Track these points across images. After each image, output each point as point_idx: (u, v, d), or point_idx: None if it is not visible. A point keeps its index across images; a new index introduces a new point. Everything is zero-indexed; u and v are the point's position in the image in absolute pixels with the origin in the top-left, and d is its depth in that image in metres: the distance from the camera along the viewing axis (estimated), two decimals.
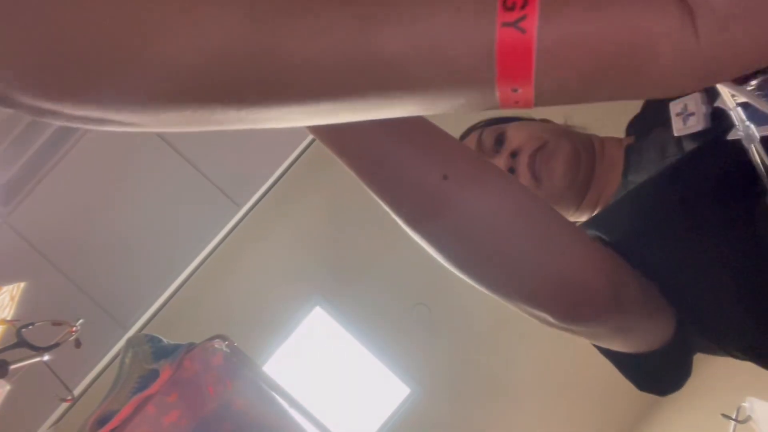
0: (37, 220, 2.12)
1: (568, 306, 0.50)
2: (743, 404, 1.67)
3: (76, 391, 2.15)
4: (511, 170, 0.89)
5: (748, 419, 1.63)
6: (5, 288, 1.33)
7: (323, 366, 3.19)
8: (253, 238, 3.01)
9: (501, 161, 0.91)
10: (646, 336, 0.57)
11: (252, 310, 3.05)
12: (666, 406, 2.97)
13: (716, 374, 2.74)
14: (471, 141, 0.98)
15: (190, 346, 1.49)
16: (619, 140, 0.93)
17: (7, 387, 1.20)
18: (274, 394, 1.52)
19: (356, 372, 3.17)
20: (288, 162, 2.30)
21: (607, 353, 0.62)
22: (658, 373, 0.62)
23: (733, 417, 1.65)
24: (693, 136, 0.65)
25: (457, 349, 3.16)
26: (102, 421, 1.35)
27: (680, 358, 0.61)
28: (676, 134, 0.66)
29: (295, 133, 2.23)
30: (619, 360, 0.61)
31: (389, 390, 3.14)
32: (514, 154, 0.90)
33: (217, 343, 1.51)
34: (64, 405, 2.14)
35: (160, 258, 2.17)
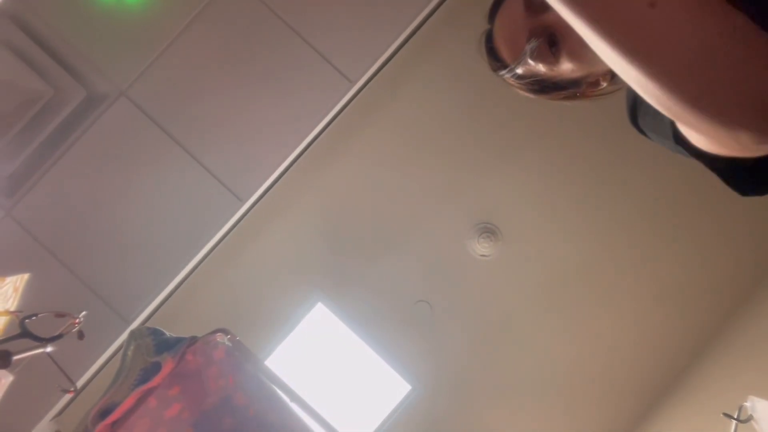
0: (41, 212, 2.12)
1: None
2: (745, 404, 1.67)
3: (79, 384, 2.15)
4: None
5: (749, 419, 1.63)
6: (9, 279, 1.33)
7: (325, 362, 3.19)
8: (256, 233, 3.01)
9: None
10: None
11: (254, 306, 3.06)
12: (667, 405, 2.96)
13: (718, 374, 2.74)
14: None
15: (193, 340, 1.49)
16: None
17: (10, 377, 1.21)
18: (275, 388, 1.52)
19: (357, 368, 3.17)
20: (291, 158, 2.30)
21: (715, 162, 0.63)
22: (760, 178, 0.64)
23: (735, 416, 1.65)
24: None
25: (459, 347, 3.16)
26: (104, 413, 1.36)
27: None
28: None
29: (297, 130, 2.23)
30: (726, 170, 0.64)
31: (390, 387, 3.15)
32: None
33: (220, 337, 1.51)
34: (67, 397, 2.15)
35: (163, 252, 2.17)
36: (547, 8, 0.86)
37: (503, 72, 0.95)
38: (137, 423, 1.36)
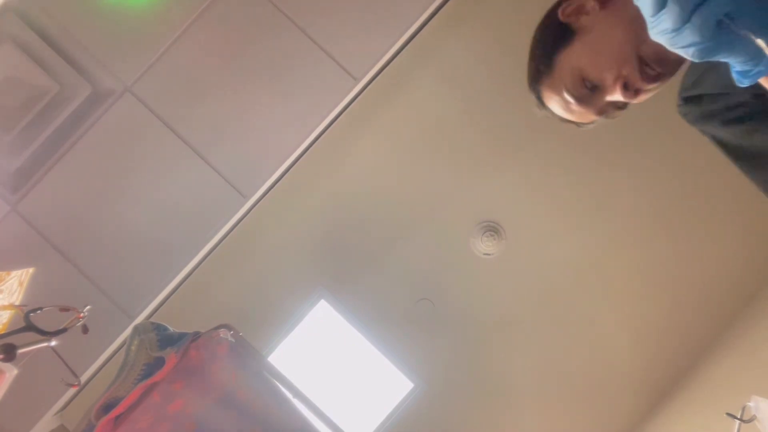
0: (46, 207, 2.13)
1: None
2: (748, 404, 1.66)
3: (83, 378, 2.16)
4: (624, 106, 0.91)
5: (753, 419, 1.62)
6: (14, 273, 1.34)
7: (327, 359, 3.20)
8: (259, 230, 3.02)
9: (613, 96, 0.89)
10: None
11: (258, 302, 3.06)
12: (671, 404, 2.96)
13: (721, 374, 2.73)
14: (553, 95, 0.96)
15: (196, 335, 1.49)
16: None
17: (15, 371, 1.21)
18: (278, 384, 1.53)
19: (360, 366, 3.18)
20: (295, 155, 2.30)
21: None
22: None
23: (738, 416, 1.64)
24: None
25: (461, 345, 3.16)
26: (107, 407, 1.36)
27: None
28: None
29: (301, 127, 2.23)
30: None
31: (392, 384, 3.15)
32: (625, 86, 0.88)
33: (223, 333, 1.52)
34: (70, 392, 2.16)
35: (167, 248, 2.17)
36: (595, 90, 0.92)
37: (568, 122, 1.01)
38: (140, 418, 1.36)
